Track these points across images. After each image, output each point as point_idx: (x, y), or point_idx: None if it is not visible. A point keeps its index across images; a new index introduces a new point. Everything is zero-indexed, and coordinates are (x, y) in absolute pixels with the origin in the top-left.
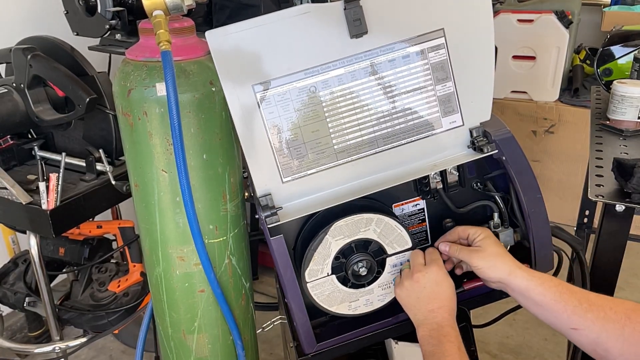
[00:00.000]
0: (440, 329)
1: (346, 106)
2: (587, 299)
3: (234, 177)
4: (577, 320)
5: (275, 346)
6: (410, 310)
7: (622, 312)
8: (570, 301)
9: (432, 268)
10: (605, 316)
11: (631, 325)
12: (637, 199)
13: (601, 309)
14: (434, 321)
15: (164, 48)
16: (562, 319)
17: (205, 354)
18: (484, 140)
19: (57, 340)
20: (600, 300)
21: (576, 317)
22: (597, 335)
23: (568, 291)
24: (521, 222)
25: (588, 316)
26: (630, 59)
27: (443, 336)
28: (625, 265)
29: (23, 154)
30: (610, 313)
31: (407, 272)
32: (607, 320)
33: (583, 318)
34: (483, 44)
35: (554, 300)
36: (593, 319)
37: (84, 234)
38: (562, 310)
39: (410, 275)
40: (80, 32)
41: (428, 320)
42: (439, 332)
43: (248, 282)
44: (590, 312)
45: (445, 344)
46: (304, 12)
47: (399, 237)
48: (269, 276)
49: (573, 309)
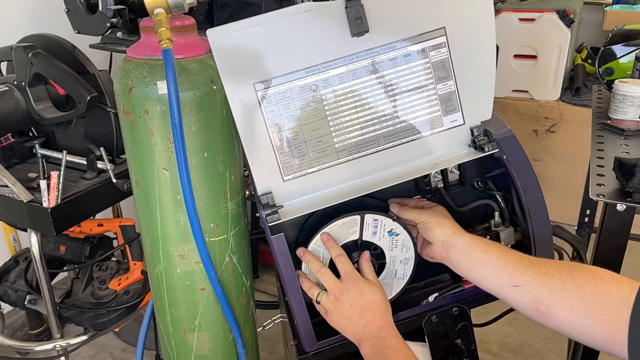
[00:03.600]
0: (382, 341)
1: (347, 105)
2: (528, 257)
3: (234, 176)
4: (518, 277)
5: (276, 344)
6: (347, 332)
7: (563, 269)
8: (512, 259)
9: (348, 282)
10: (546, 272)
11: (573, 280)
12: (638, 198)
13: (542, 266)
14: (372, 334)
15: (165, 46)
16: (503, 276)
17: (206, 352)
18: (484, 139)
19: (58, 338)
20: (542, 259)
21: (517, 273)
22: (538, 292)
23: (510, 251)
24: (522, 221)
25: (529, 272)
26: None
27: (386, 348)
28: (626, 264)
29: (24, 152)
30: (552, 270)
31: (326, 298)
32: (548, 276)
33: (524, 274)
34: (484, 43)
35: (496, 256)
36: (534, 274)
37: (84, 232)
38: (503, 266)
39: (333, 300)
40: (82, 30)
41: (366, 335)
42: (381, 345)
43: (249, 281)
44: (531, 269)
45: (389, 356)
46: (305, 10)
47: (393, 230)
48: (269, 274)
49: (514, 265)
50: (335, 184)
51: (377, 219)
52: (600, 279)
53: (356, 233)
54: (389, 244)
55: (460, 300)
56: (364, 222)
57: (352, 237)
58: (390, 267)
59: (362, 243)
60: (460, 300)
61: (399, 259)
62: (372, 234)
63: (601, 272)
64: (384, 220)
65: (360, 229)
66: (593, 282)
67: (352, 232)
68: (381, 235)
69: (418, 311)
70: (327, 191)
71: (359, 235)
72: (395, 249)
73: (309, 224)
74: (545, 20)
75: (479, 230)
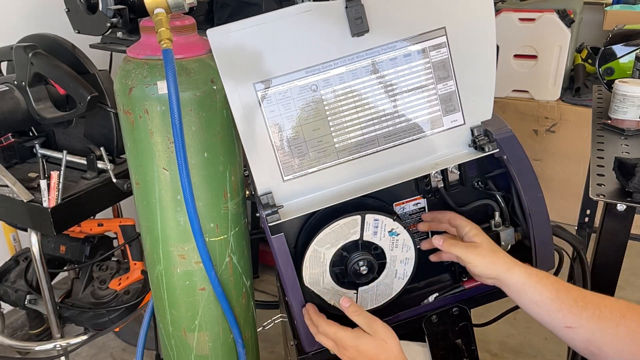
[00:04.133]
0: None
1: (347, 105)
2: (583, 297)
3: (234, 176)
4: (572, 319)
5: (276, 344)
6: None
7: (617, 310)
8: (567, 300)
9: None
10: (600, 314)
11: (626, 323)
12: (638, 198)
13: (597, 307)
14: None
15: (165, 46)
16: (557, 317)
17: (206, 352)
18: (485, 139)
19: (58, 338)
20: (596, 298)
21: (571, 315)
22: (592, 334)
23: (565, 289)
24: (522, 221)
25: (583, 315)
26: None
27: None
28: (626, 264)
29: (24, 151)
30: (606, 311)
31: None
32: (602, 319)
33: (578, 317)
34: (484, 43)
35: (550, 299)
36: (588, 317)
37: (85, 231)
38: (558, 309)
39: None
40: (82, 30)
41: None
42: None
43: (249, 281)
44: (585, 311)
45: None
46: (305, 10)
47: (394, 230)
48: (269, 274)
49: (569, 307)
50: (335, 184)
51: (377, 219)
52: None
53: (357, 233)
54: (390, 243)
55: (460, 300)
56: (365, 222)
57: (353, 237)
58: (391, 267)
59: (362, 243)
60: (460, 300)
61: (399, 258)
62: (373, 234)
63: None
64: (385, 220)
65: (361, 229)
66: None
67: (353, 232)
68: (382, 235)
69: (418, 311)
70: (327, 191)
71: (360, 235)
72: (396, 248)
73: (309, 224)
74: (545, 20)
75: None
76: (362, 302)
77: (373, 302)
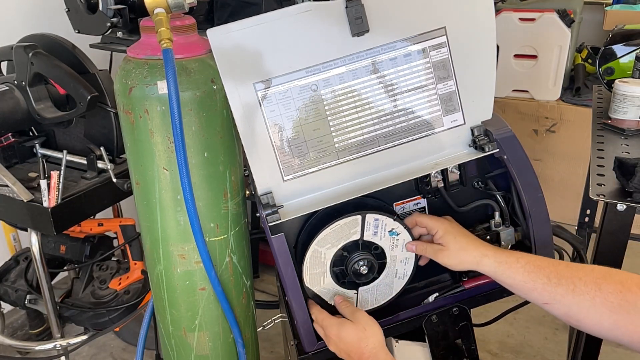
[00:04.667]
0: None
1: (347, 105)
2: (556, 273)
3: (235, 175)
4: (548, 296)
5: (276, 344)
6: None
7: (591, 282)
8: (539, 279)
9: (327, 332)
10: (575, 289)
11: (602, 295)
12: (638, 198)
13: (570, 281)
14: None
15: (165, 46)
16: (533, 297)
17: (206, 351)
18: (485, 139)
19: (58, 338)
20: (570, 271)
21: (546, 293)
22: (569, 309)
23: (536, 269)
24: (522, 221)
25: (558, 291)
26: (632, 58)
27: None
28: (626, 264)
29: (24, 151)
30: (580, 284)
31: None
32: (576, 293)
33: (553, 293)
34: (485, 43)
35: (522, 281)
36: (563, 293)
37: (85, 231)
38: (531, 289)
39: (330, 346)
40: (82, 30)
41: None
42: None
43: (249, 280)
44: (559, 287)
45: None
46: (305, 10)
47: (394, 230)
48: (269, 274)
49: (542, 286)
50: (335, 183)
51: (378, 219)
52: (628, 290)
53: (357, 233)
54: (390, 243)
55: (460, 300)
56: (365, 222)
57: (354, 237)
58: (391, 266)
59: (363, 243)
60: (460, 300)
61: (399, 258)
62: (373, 234)
63: (630, 282)
64: (385, 220)
65: (361, 229)
66: (621, 295)
67: (354, 232)
68: (382, 235)
69: (418, 311)
70: (328, 191)
71: (360, 235)
72: (396, 248)
73: (310, 224)
74: (545, 20)
75: (479, 231)
76: (363, 302)
77: (373, 302)
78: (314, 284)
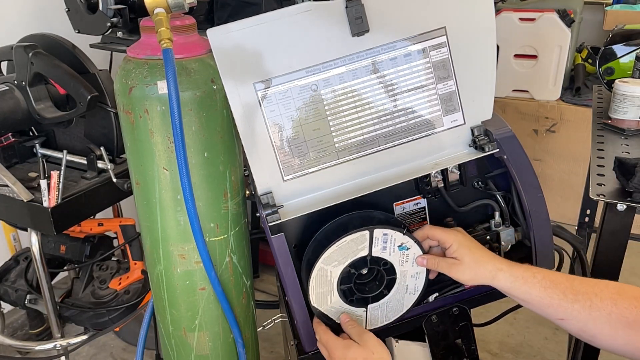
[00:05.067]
0: None
1: (347, 104)
2: (572, 288)
3: (235, 175)
4: (564, 312)
5: (276, 344)
6: None
7: (607, 297)
8: (555, 295)
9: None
10: (591, 305)
11: (617, 311)
12: (638, 198)
13: (587, 297)
14: None
15: (166, 46)
16: (549, 312)
17: (206, 351)
18: (485, 139)
19: (58, 338)
20: (585, 286)
21: (562, 309)
22: (584, 324)
23: (552, 284)
24: (522, 221)
25: (575, 307)
26: (632, 58)
27: None
28: (626, 264)
29: (24, 151)
30: (596, 300)
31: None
32: (593, 309)
33: (570, 309)
34: (485, 43)
35: (538, 297)
36: (579, 309)
37: (85, 231)
38: (547, 305)
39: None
40: (82, 30)
41: None
42: None
43: (249, 280)
44: (576, 303)
45: None
46: (305, 10)
47: (404, 245)
48: (269, 274)
49: (559, 302)
50: (335, 183)
51: (386, 234)
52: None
53: (365, 249)
54: (400, 258)
55: (460, 300)
56: (373, 238)
57: (361, 254)
58: (401, 282)
59: (371, 259)
60: (460, 300)
61: (409, 273)
62: (382, 249)
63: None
64: (394, 235)
65: (369, 245)
66: (636, 310)
67: (361, 248)
68: (391, 250)
69: (418, 311)
70: (328, 191)
71: (368, 251)
72: (406, 263)
73: (315, 240)
74: (545, 20)
75: (479, 230)
76: (372, 320)
77: (383, 319)
78: (321, 303)
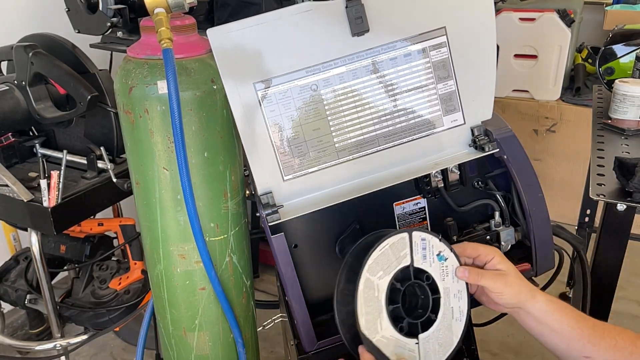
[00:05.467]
0: None
1: (347, 104)
2: (599, 325)
3: (235, 175)
4: (591, 349)
5: (276, 344)
6: None
7: (629, 339)
8: (586, 328)
9: None
10: (616, 344)
11: (638, 352)
12: (638, 198)
13: (613, 337)
14: None
15: (166, 46)
16: (577, 347)
17: (206, 351)
18: (485, 139)
19: (58, 338)
20: (610, 327)
21: (590, 345)
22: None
23: (583, 318)
24: (522, 221)
25: (601, 344)
26: (632, 58)
27: None
28: (626, 264)
29: (24, 151)
30: (621, 341)
31: None
32: (617, 348)
33: (597, 346)
34: (485, 43)
35: (570, 327)
36: (606, 347)
37: (85, 231)
38: (578, 337)
39: None
40: (82, 30)
41: None
42: None
43: (249, 280)
44: (603, 340)
45: None
46: (305, 10)
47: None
48: (269, 274)
49: (588, 336)
50: (335, 183)
51: (425, 238)
52: None
53: (407, 257)
54: (440, 271)
55: None
56: (413, 242)
57: (404, 263)
58: (446, 303)
59: (415, 270)
60: None
61: (452, 291)
62: (423, 258)
63: None
64: (432, 241)
65: (410, 251)
66: None
67: (403, 255)
68: (431, 260)
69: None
70: (328, 191)
71: (411, 260)
72: (447, 277)
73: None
74: (545, 20)
75: (479, 230)
76: (426, 357)
77: (437, 353)
78: (372, 332)
